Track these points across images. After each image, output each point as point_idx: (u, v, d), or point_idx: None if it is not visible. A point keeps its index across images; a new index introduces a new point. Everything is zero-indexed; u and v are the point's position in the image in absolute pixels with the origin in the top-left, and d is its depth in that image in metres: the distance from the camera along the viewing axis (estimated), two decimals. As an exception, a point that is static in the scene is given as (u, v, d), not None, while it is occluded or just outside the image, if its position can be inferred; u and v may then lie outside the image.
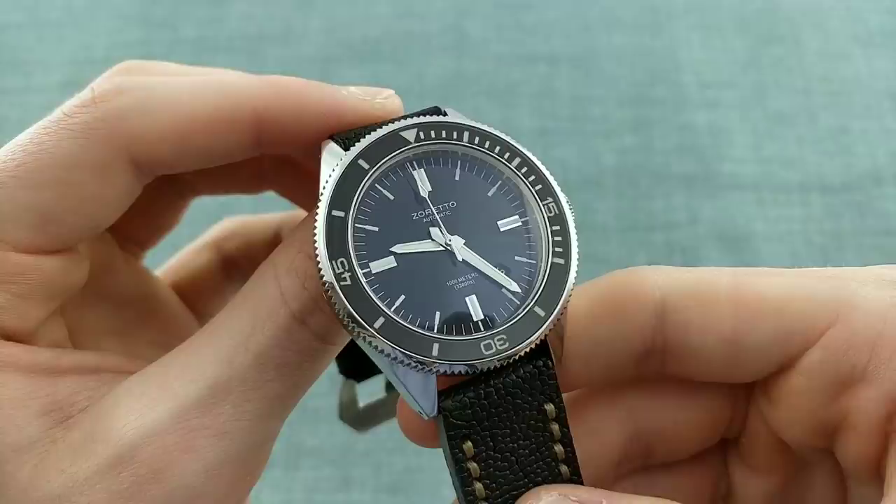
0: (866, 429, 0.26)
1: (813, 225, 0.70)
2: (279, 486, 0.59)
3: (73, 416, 0.28)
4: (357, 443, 0.61)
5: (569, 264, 0.28)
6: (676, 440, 0.31)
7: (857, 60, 0.79)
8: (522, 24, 0.82)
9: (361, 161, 0.28)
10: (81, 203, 0.29)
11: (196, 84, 0.29)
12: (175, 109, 0.29)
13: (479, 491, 0.27)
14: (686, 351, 0.28)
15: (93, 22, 0.83)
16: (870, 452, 0.27)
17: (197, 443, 0.27)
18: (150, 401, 0.27)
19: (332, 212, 0.27)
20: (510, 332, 0.27)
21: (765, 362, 0.28)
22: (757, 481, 0.31)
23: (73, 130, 0.28)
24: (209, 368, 0.27)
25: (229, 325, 0.28)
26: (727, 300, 0.28)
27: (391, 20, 0.83)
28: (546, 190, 0.29)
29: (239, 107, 0.29)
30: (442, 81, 0.78)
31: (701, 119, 0.76)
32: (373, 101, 0.30)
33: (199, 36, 0.82)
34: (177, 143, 0.29)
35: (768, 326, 0.27)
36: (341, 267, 0.26)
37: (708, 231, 0.69)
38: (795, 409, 0.28)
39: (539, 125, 0.76)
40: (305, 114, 0.29)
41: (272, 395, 0.28)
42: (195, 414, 0.27)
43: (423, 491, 0.58)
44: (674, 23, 0.82)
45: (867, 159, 0.73)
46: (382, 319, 0.26)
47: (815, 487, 0.30)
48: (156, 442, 0.27)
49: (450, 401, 0.27)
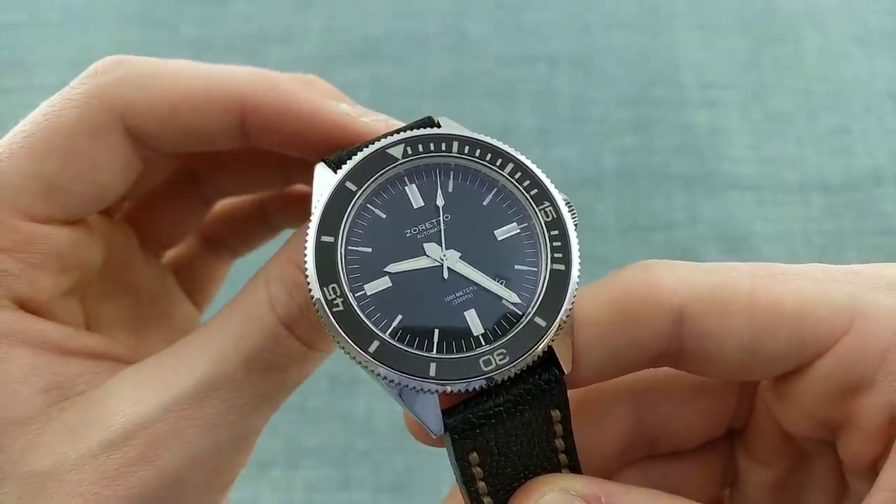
0: (869, 430, 0.27)
1: (813, 225, 0.70)
2: (279, 486, 0.59)
3: (71, 398, 0.29)
4: (357, 443, 0.61)
5: (569, 270, 0.27)
6: (681, 431, 0.31)
7: (857, 60, 0.79)
8: (522, 24, 0.82)
9: (349, 183, 0.28)
10: (84, 170, 0.30)
11: (190, 66, 0.31)
12: (168, 84, 0.30)
13: (483, 488, 0.27)
14: (701, 356, 0.28)
15: (93, 22, 0.83)
16: (870, 451, 0.27)
17: (186, 432, 0.28)
18: (145, 391, 0.29)
19: (321, 238, 0.27)
20: (510, 345, 0.26)
21: (778, 368, 0.28)
22: (761, 471, 0.31)
23: (73, 100, 0.30)
24: (201, 366, 0.29)
25: (222, 327, 0.30)
26: (746, 309, 0.27)
27: (391, 20, 0.83)
28: (542, 194, 0.28)
29: (227, 92, 0.30)
30: (442, 81, 0.78)
31: (701, 119, 0.76)
32: (359, 119, 0.30)
33: (199, 36, 0.82)
34: (166, 117, 0.30)
35: (784, 335, 0.27)
36: (333, 293, 0.26)
37: (708, 231, 0.69)
38: (802, 407, 0.28)
39: (539, 125, 0.76)
40: (290, 112, 0.30)
41: (258, 393, 0.29)
42: (186, 405, 0.28)
43: (423, 491, 0.58)
44: (674, 23, 0.82)
45: (867, 159, 0.73)
46: (377, 343, 0.26)
47: (817, 477, 0.30)
48: (147, 429, 0.28)
49: (454, 419, 0.26)
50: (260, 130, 0.31)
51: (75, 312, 0.32)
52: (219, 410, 0.29)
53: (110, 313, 0.35)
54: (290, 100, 0.30)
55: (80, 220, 0.31)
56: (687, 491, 0.31)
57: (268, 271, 0.30)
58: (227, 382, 0.29)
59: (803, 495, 0.31)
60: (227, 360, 0.29)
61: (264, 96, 0.30)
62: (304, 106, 0.30)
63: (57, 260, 0.30)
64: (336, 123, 0.30)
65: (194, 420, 0.28)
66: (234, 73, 0.31)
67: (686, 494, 0.30)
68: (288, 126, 0.30)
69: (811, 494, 0.31)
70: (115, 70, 0.30)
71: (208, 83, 0.30)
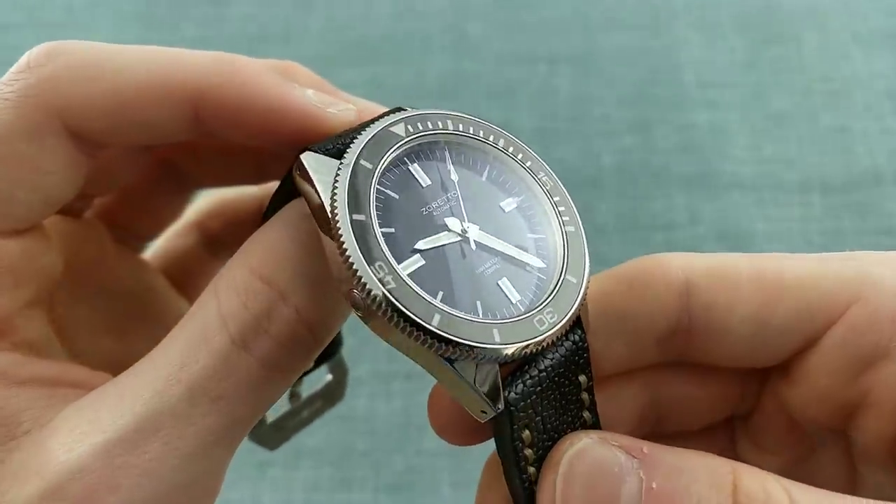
0: (886, 406, 0.26)
1: (813, 225, 0.70)
2: (279, 486, 0.59)
3: (17, 438, 0.26)
4: (357, 443, 0.60)
5: (579, 231, 0.28)
6: (687, 413, 0.31)
7: (857, 60, 0.79)
8: (522, 24, 0.82)
9: (363, 161, 0.26)
10: (26, 176, 0.27)
11: (138, 52, 0.28)
12: (111, 76, 0.27)
13: (533, 474, 0.27)
14: (710, 332, 0.28)
15: (93, 22, 0.83)
16: (889, 432, 0.27)
17: (121, 482, 0.25)
18: (81, 434, 0.25)
19: (352, 217, 0.25)
20: (554, 304, 0.26)
21: (788, 342, 0.28)
22: (765, 460, 0.31)
23: (8, 100, 0.27)
24: (139, 401, 0.25)
25: (167, 351, 0.26)
26: (750, 280, 0.28)
27: (391, 20, 0.83)
28: (537, 164, 0.29)
29: (179, 83, 0.27)
30: (442, 81, 0.78)
31: (701, 119, 0.75)
32: (325, 110, 0.28)
33: (199, 36, 0.82)
34: (110, 112, 0.27)
35: (791, 305, 0.27)
36: (381, 271, 0.24)
37: (708, 231, 0.69)
38: (816, 388, 0.28)
39: (539, 125, 0.76)
40: (248, 104, 0.28)
41: (206, 431, 0.26)
42: (119, 451, 0.25)
43: (423, 491, 0.58)
44: (674, 22, 0.82)
45: (867, 159, 0.73)
46: (439, 316, 0.25)
47: (824, 469, 0.30)
48: (82, 479, 0.25)
49: (512, 392, 0.26)
50: (215, 122, 0.28)
51: (40, 324, 0.30)
52: (158, 455, 0.25)
53: (86, 316, 0.33)
54: (249, 91, 0.28)
55: (30, 227, 0.29)
56: None
57: (218, 280, 0.26)
58: (168, 420, 0.25)
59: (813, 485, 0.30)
60: (167, 393, 0.25)
61: (219, 87, 0.27)
62: (263, 99, 0.28)
63: (9, 274, 0.28)
64: (300, 116, 0.28)
65: (131, 468, 0.25)
66: (187, 61, 0.28)
67: None
68: (246, 118, 0.28)
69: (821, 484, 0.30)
70: (51, 62, 0.27)
71: (157, 73, 0.27)
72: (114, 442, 0.25)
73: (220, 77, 0.27)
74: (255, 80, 0.28)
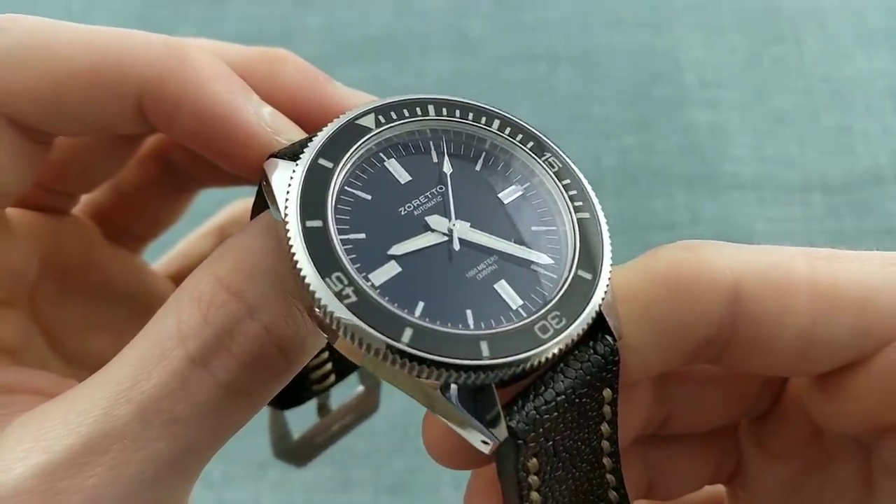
0: None
1: (814, 225, 0.69)
2: (279, 486, 0.59)
3: None
4: (357, 443, 0.60)
5: (596, 216, 0.24)
6: (699, 414, 0.29)
7: (858, 60, 0.79)
8: (522, 23, 0.82)
9: (322, 160, 0.23)
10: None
11: (82, 35, 0.25)
12: (47, 64, 0.25)
13: (536, 499, 0.23)
14: (754, 345, 0.25)
15: (92, 22, 0.83)
16: None
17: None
18: (23, 452, 0.23)
19: (305, 223, 0.22)
20: (561, 306, 0.22)
21: (837, 358, 0.25)
22: (775, 467, 0.29)
23: None
24: (86, 421, 0.23)
25: (120, 367, 0.24)
26: (807, 291, 0.24)
27: (391, 20, 0.83)
28: (540, 145, 0.26)
29: (121, 72, 0.25)
30: (441, 81, 0.78)
31: (702, 119, 0.75)
32: (274, 136, 0.25)
33: (198, 36, 0.81)
34: (46, 103, 0.25)
35: (847, 321, 0.24)
36: (339, 283, 0.21)
37: (709, 231, 0.69)
38: (858, 407, 0.25)
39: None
40: (193, 108, 0.25)
41: (158, 457, 0.23)
42: (62, 475, 0.23)
43: (423, 491, 0.58)
44: (675, 22, 0.82)
45: (868, 159, 0.73)
46: (410, 331, 0.21)
47: (838, 481, 0.28)
48: (18, 502, 0.23)
49: (520, 421, 0.22)
50: (155, 119, 0.25)
51: (13, 325, 0.28)
52: (103, 481, 0.23)
53: (76, 315, 0.31)
54: (192, 94, 0.24)
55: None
56: (680, 476, 0.29)
57: (182, 289, 0.24)
58: (116, 443, 0.23)
59: (823, 496, 0.28)
60: (117, 413, 0.23)
61: (160, 82, 0.24)
62: (206, 106, 0.24)
63: None
64: (244, 136, 0.25)
65: (73, 493, 0.22)
66: (134, 47, 0.25)
67: (679, 480, 0.29)
68: (184, 123, 0.25)
69: (832, 496, 0.28)
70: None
71: (98, 61, 0.25)
72: (56, 463, 0.23)
73: (165, 71, 0.25)
74: (203, 84, 0.25)
